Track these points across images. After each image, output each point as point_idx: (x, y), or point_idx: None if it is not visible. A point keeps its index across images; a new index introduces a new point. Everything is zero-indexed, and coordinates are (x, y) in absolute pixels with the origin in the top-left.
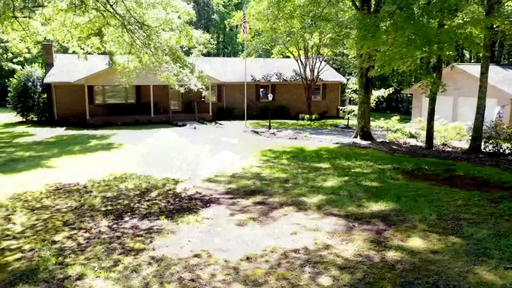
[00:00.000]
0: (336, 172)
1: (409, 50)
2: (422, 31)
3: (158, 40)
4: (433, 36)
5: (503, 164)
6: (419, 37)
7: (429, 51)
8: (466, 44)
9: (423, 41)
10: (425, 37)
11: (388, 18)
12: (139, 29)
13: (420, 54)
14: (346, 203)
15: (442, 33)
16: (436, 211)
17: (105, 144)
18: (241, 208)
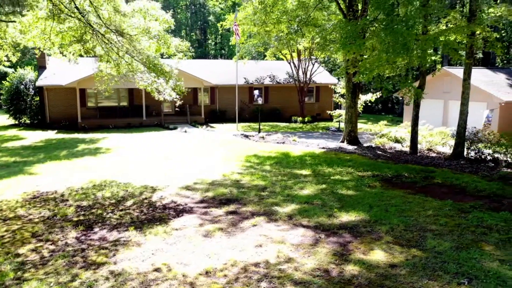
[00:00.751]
0: (315, 180)
1: (388, 57)
2: (401, 38)
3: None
4: (411, 43)
5: (482, 171)
6: (398, 44)
7: (409, 58)
8: (445, 51)
9: (402, 48)
10: (404, 44)
11: (370, 25)
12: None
13: (401, 61)
14: (317, 213)
15: (421, 40)
16: (404, 222)
17: (93, 149)
18: (212, 218)
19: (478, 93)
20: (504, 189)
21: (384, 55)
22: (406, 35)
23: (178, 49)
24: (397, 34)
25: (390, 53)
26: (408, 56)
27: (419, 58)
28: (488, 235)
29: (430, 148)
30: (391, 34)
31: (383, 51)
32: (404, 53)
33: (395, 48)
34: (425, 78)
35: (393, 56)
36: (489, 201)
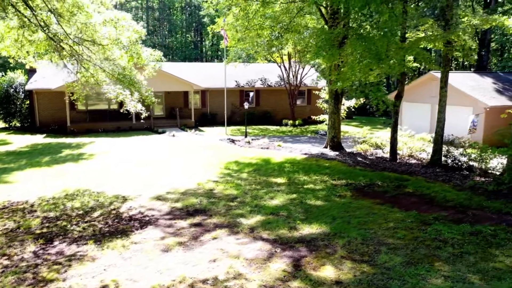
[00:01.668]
0: (288, 189)
1: (361, 68)
2: (373, 48)
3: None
4: (383, 54)
5: (455, 180)
6: (371, 54)
7: (381, 68)
8: (419, 60)
9: (374, 59)
10: (376, 54)
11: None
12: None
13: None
14: (280, 225)
15: (393, 50)
16: (362, 235)
17: (76, 154)
18: (175, 231)
19: (464, 98)
20: (471, 199)
21: (357, 65)
22: (378, 45)
23: (150, 58)
24: (370, 44)
25: (362, 64)
26: (379, 66)
27: (390, 68)
28: (441, 249)
29: (411, 154)
30: (363, 44)
31: (356, 60)
32: (376, 63)
33: (368, 58)
34: (403, 86)
35: (365, 66)
36: (454, 212)
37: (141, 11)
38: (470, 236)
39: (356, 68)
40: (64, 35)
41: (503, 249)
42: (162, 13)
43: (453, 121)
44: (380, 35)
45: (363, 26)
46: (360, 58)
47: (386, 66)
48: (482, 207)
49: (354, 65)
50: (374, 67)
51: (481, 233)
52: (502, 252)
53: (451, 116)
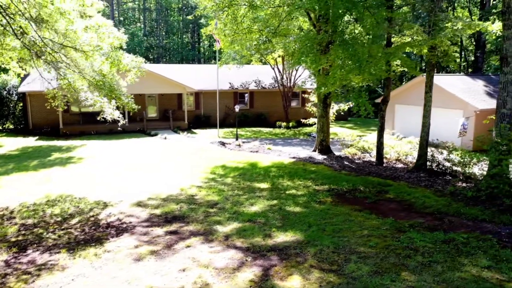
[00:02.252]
0: (270, 194)
1: (342, 74)
2: (355, 55)
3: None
4: (364, 60)
5: (437, 185)
6: (352, 61)
7: (362, 74)
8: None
9: (355, 65)
10: (357, 61)
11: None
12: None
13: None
14: (255, 233)
15: (373, 57)
16: (335, 243)
17: (65, 158)
18: (150, 239)
19: (454, 101)
20: (449, 206)
21: (339, 71)
22: (360, 52)
23: (132, 64)
24: (351, 50)
25: (344, 70)
26: (361, 72)
27: (371, 75)
28: (411, 258)
29: (398, 158)
30: (345, 51)
31: (338, 67)
32: (357, 69)
33: (349, 65)
34: (389, 90)
35: (347, 72)
36: (432, 218)
37: (138, 12)
38: (442, 244)
39: (339, 74)
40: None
41: (472, 258)
42: (159, 14)
43: (443, 124)
44: (362, 42)
45: (345, 32)
46: (342, 64)
47: (367, 73)
48: (459, 213)
49: (337, 71)
50: (355, 73)
51: (453, 241)
52: (470, 261)
53: (441, 119)
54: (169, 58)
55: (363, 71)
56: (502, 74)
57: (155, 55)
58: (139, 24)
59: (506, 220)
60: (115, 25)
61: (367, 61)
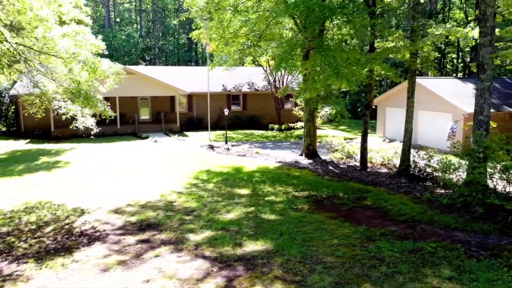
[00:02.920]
0: (248, 201)
1: (319, 81)
2: (332, 62)
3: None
4: (342, 67)
5: (416, 191)
6: (330, 67)
7: (339, 82)
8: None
9: (333, 73)
10: (335, 68)
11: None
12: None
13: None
14: (226, 241)
15: (351, 64)
16: (303, 253)
17: (52, 162)
18: (120, 248)
19: (443, 104)
20: (424, 213)
21: (318, 78)
22: (338, 58)
23: (108, 71)
24: (329, 57)
25: (323, 76)
26: (338, 79)
27: (349, 82)
28: (376, 269)
29: (383, 163)
30: (323, 57)
31: (316, 73)
32: (335, 76)
33: (327, 71)
34: (372, 96)
35: (324, 79)
36: (404, 226)
37: (135, 13)
38: (409, 254)
39: (318, 80)
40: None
41: (436, 269)
42: (155, 15)
43: (433, 128)
44: (341, 48)
45: (324, 39)
46: (320, 70)
47: (344, 79)
48: (432, 221)
49: (315, 77)
50: (333, 80)
51: (421, 251)
52: (433, 272)
53: (431, 122)
54: (166, 59)
55: (340, 78)
56: (479, 81)
57: (151, 56)
58: (136, 25)
59: (478, 229)
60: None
61: (345, 67)
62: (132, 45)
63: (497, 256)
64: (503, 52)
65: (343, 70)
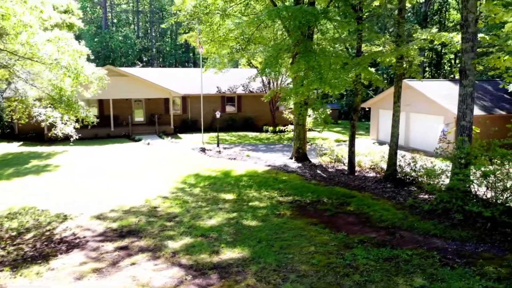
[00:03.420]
0: (232, 207)
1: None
2: (316, 67)
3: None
4: (326, 73)
5: (400, 196)
6: (314, 73)
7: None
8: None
9: (316, 79)
10: (318, 73)
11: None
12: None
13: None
14: (203, 249)
15: (335, 70)
16: (279, 261)
17: (42, 166)
18: (98, 256)
19: (435, 107)
20: (405, 219)
21: (302, 82)
22: (322, 63)
23: (92, 77)
24: (313, 62)
25: (307, 81)
26: (321, 85)
27: (332, 87)
28: (348, 277)
29: (372, 167)
30: (306, 62)
31: (300, 78)
32: (318, 82)
33: (311, 76)
34: (359, 100)
35: (307, 84)
36: (384, 233)
37: (132, 14)
38: (384, 262)
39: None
40: None
41: (408, 277)
42: (153, 16)
43: (425, 130)
44: (324, 54)
45: (308, 44)
46: (304, 76)
47: (328, 85)
48: (412, 228)
49: (299, 82)
50: (316, 85)
51: (397, 258)
52: (405, 281)
53: (423, 125)
54: (163, 60)
55: (323, 83)
56: (461, 86)
57: (148, 57)
58: (133, 26)
59: (456, 236)
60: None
61: (329, 72)
62: (129, 46)
63: (472, 264)
64: (486, 58)
65: (326, 75)
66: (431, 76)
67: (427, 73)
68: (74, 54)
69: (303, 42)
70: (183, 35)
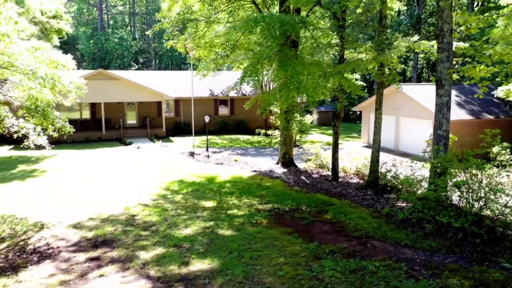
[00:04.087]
0: (210, 215)
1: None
2: (294, 76)
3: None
4: (303, 82)
5: (379, 204)
6: (292, 82)
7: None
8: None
9: (294, 86)
10: (296, 82)
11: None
12: None
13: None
14: (174, 260)
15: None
16: (246, 272)
17: (29, 171)
18: (68, 267)
19: (423, 111)
20: (379, 229)
21: (278, 93)
22: (300, 72)
23: (69, 86)
24: (290, 71)
25: (284, 92)
26: (299, 94)
27: (309, 97)
28: None
29: (356, 173)
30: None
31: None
32: (295, 91)
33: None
34: (342, 107)
35: (286, 94)
36: (356, 243)
37: (128, 16)
38: (350, 274)
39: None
40: None
41: None
42: (150, 18)
43: (414, 134)
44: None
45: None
46: (282, 85)
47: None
48: (385, 237)
49: (277, 91)
50: (294, 93)
51: (363, 270)
52: None
53: (412, 129)
54: (159, 61)
55: (301, 92)
56: (437, 96)
57: (144, 59)
58: (130, 28)
59: (427, 246)
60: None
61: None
62: (124, 47)
63: (437, 276)
64: (461, 68)
65: (304, 84)
66: (428, 78)
67: (424, 75)
68: (51, 64)
69: (281, 51)
70: (168, 42)
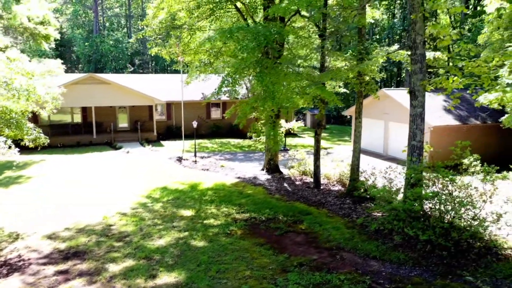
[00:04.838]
0: (186, 225)
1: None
2: (270, 87)
3: None
4: (277, 93)
5: (355, 214)
6: (267, 92)
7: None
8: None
9: (269, 97)
10: (271, 93)
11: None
12: None
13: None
14: (141, 273)
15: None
16: (212, 286)
17: (14, 177)
18: (35, 280)
19: None
20: (351, 240)
21: (253, 102)
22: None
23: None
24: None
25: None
26: (274, 105)
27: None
28: None
29: (339, 180)
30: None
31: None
32: (270, 101)
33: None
34: (322, 114)
35: (261, 104)
36: (327, 255)
37: (124, 18)
38: None
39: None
40: None
41: None
42: None
43: (402, 139)
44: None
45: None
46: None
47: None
48: (356, 249)
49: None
50: (269, 104)
51: (328, 284)
52: None
53: (400, 134)
54: (155, 64)
55: (276, 103)
56: (411, 107)
57: (140, 61)
58: (126, 30)
59: (395, 258)
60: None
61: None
62: (120, 50)
63: None
64: (433, 80)
65: (278, 95)
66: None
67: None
68: (27, 75)
69: (258, 62)
70: (152, 49)
